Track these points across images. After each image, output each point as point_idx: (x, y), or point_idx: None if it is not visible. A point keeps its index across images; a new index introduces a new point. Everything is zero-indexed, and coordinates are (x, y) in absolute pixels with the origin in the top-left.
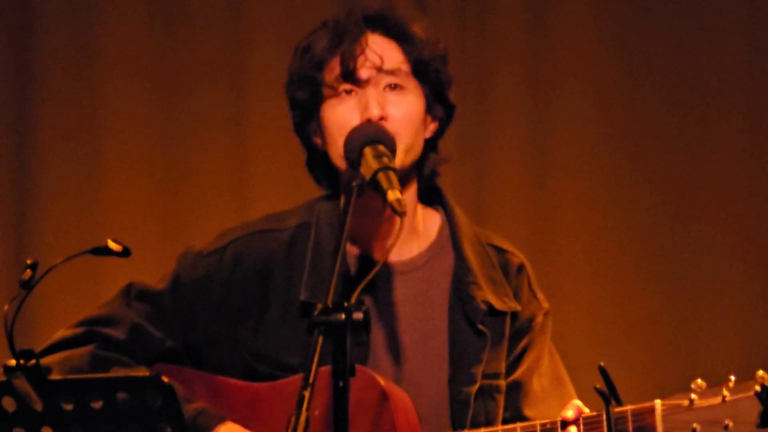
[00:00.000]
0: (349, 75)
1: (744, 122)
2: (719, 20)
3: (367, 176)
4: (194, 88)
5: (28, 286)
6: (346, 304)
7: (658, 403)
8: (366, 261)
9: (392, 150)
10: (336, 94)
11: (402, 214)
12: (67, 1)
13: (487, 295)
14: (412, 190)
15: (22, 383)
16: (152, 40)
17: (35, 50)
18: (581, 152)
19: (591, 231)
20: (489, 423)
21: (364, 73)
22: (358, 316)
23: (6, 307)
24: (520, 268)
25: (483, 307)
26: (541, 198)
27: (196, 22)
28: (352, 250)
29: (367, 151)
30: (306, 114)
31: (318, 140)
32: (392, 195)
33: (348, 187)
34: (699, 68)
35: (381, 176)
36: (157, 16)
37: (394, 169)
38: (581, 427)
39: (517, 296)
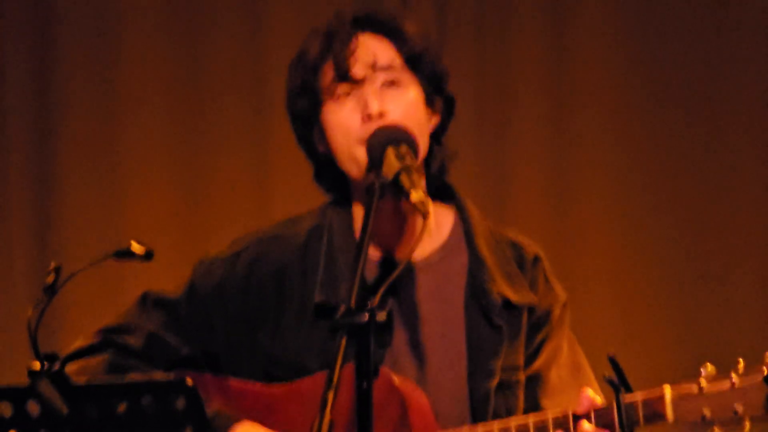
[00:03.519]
0: (344, 75)
1: (761, 131)
2: (742, 42)
3: (389, 176)
4: (215, 95)
5: (51, 290)
6: (369, 305)
7: (667, 390)
8: (382, 261)
9: (414, 151)
10: (334, 97)
11: (426, 215)
12: (89, 13)
13: (503, 289)
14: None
15: (46, 387)
16: (173, 47)
17: (56, 58)
18: (600, 152)
19: (609, 229)
20: (509, 416)
21: (358, 71)
22: (381, 317)
23: (30, 312)
24: (536, 260)
25: (499, 301)
26: (562, 199)
27: (217, 31)
28: (369, 252)
29: (390, 152)
30: (308, 123)
31: (322, 147)
32: (415, 195)
33: (370, 187)
34: (719, 87)
35: (404, 176)
36: (177, 25)
37: (417, 170)
38: (593, 417)
39: (533, 288)
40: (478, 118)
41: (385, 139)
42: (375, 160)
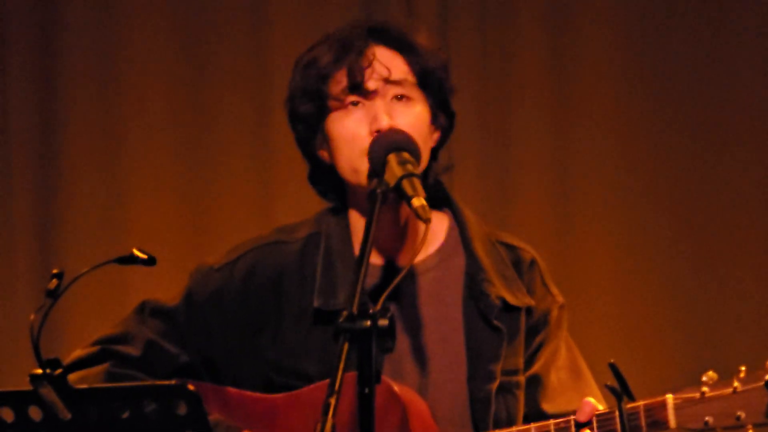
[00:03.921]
0: (357, 87)
1: (762, 135)
2: (741, 47)
3: (392, 183)
4: (218, 97)
5: (54, 295)
6: (371, 311)
7: (669, 397)
8: (382, 267)
9: (416, 157)
10: (343, 106)
11: (427, 221)
12: (91, 14)
13: (501, 291)
14: None
15: (48, 392)
16: (176, 49)
17: (59, 60)
18: (602, 157)
19: (611, 233)
20: (511, 419)
21: (371, 84)
22: (383, 322)
23: (32, 317)
24: (532, 263)
25: (497, 302)
26: (564, 203)
27: (220, 33)
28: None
29: (392, 158)
30: (310, 127)
31: (324, 153)
32: (417, 201)
33: (372, 194)
34: (719, 91)
35: (405, 183)
36: (180, 26)
37: (418, 176)
38: (595, 425)
39: (530, 291)
40: (481, 122)
41: (387, 146)
42: (377, 167)
